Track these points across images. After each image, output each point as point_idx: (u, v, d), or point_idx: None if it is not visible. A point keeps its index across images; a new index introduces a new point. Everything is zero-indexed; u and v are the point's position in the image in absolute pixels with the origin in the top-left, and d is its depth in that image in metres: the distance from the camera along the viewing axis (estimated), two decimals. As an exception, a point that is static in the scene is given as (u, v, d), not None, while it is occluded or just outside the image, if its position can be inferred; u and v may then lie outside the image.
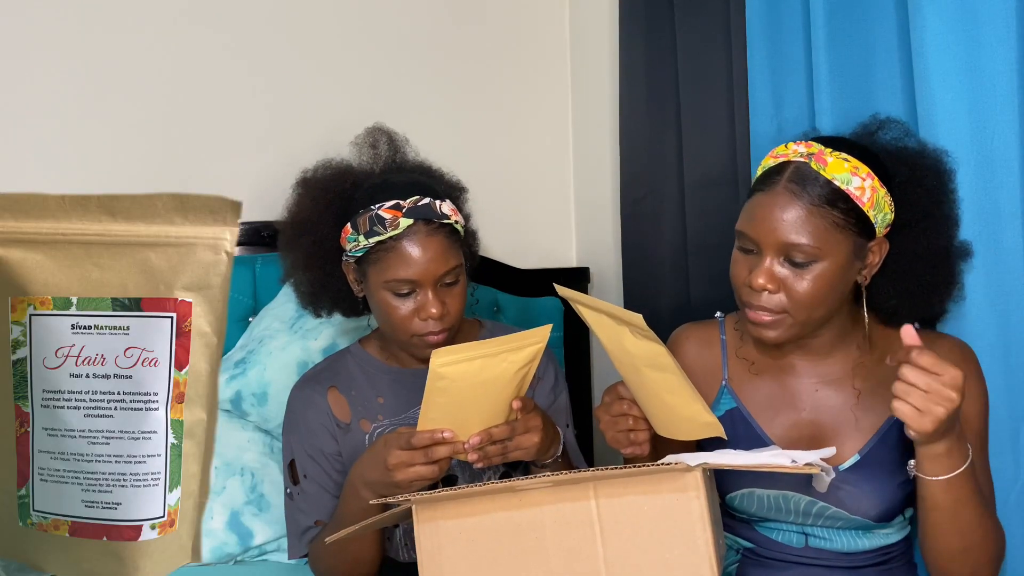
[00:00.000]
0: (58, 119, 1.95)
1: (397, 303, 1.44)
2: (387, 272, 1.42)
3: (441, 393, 1.26)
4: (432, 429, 1.28)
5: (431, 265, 1.42)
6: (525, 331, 1.29)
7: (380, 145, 1.60)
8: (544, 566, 1.14)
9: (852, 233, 1.26)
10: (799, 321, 1.28)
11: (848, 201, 1.24)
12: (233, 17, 2.07)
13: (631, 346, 1.25)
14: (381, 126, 1.63)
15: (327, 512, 1.52)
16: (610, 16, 2.21)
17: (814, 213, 1.24)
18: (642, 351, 1.24)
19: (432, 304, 1.42)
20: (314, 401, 1.56)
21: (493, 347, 1.26)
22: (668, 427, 1.31)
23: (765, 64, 1.70)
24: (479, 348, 1.26)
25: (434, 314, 1.42)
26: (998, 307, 1.38)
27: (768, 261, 1.27)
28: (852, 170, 1.25)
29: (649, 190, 2.05)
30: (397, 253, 1.42)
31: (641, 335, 1.22)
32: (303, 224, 1.53)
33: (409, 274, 1.41)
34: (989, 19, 1.35)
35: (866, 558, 1.37)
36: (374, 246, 1.43)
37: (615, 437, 1.32)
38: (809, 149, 1.28)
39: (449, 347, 1.25)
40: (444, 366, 1.23)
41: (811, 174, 1.25)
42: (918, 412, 1.13)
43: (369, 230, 1.43)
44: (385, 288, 1.44)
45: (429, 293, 1.43)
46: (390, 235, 1.42)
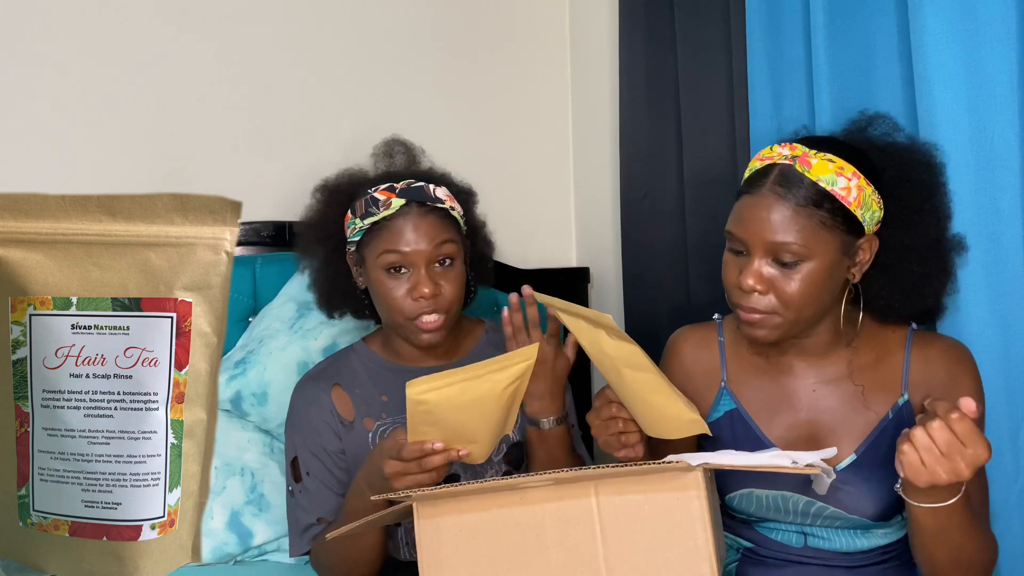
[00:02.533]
0: (58, 119, 1.94)
1: (391, 283, 1.47)
2: (379, 249, 1.47)
3: (425, 415, 1.25)
4: (421, 441, 1.28)
5: (422, 243, 1.46)
6: (510, 352, 1.31)
7: (396, 155, 1.65)
8: (544, 564, 1.15)
9: (839, 232, 1.26)
10: (789, 320, 1.29)
11: (834, 201, 1.25)
12: (248, 26, 2.08)
13: (609, 348, 1.27)
14: (398, 137, 1.68)
15: (330, 510, 1.53)
16: (610, 16, 2.21)
17: (800, 214, 1.25)
18: (620, 352, 1.26)
19: (424, 283, 1.44)
20: (318, 398, 1.56)
21: (473, 371, 1.27)
22: (654, 427, 1.32)
23: (765, 64, 1.70)
24: (456, 375, 1.25)
25: (426, 293, 1.44)
26: (998, 307, 1.38)
27: (757, 262, 1.28)
28: (837, 171, 1.26)
29: (649, 190, 2.05)
30: (389, 231, 1.46)
31: (616, 336, 1.24)
32: (318, 226, 1.59)
33: (400, 248, 1.45)
34: (989, 19, 1.35)
35: (865, 557, 1.37)
36: (369, 227, 1.48)
37: (607, 441, 1.33)
38: (793, 152, 1.29)
39: (423, 377, 1.25)
40: (422, 394, 1.23)
41: (796, 176, 1.26)
42: (922, 467, 1.10)
43: (365, 212, 1.48)
44: (379, 267, 1.47)
45: (422, 271, 1.46)
46: (383, 215, 1.47)
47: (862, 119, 1.40)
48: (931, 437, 1.09)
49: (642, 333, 1.90)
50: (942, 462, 1.09)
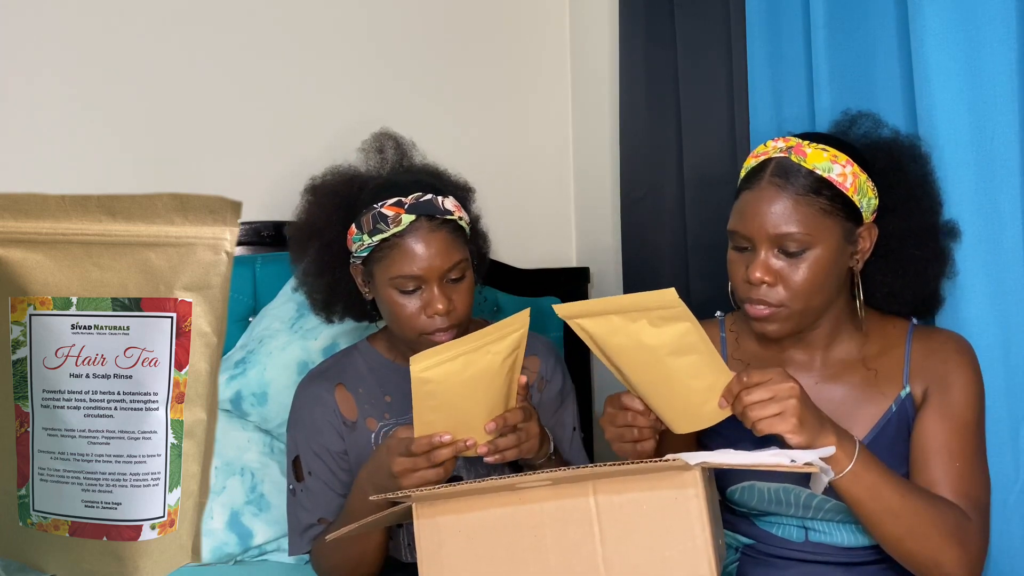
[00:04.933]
0: (57, 118, 1.94)
1: (403, 300, 1.44)
2: (392, 269, 1.43)
3: (430, 397, 1.25)
4: (430, 434, 1.28)
5: (435, 260, 1.42)
6: (504, 320, 1.28)
7: (387, 150, 1.60)
8: (543, 563, 1.15)
9: (840, 218, 1.29)
10: (797, 311, 1.30)
11: (832, 188, 1.28)
12: (237, 20, 2.08)
13: (651, 338, 1.19)
14: (387, 131, 1.63)
15: (332, 510, 1.52)
16: (610, 16, 2.21)
17: (800, 202, 1.27)
18: (666, 338, 1.18)
19: (438, 300, 1.42)
20: (321, 398, 1.55)
21: (472, 342, 1.26)
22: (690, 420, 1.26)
23: (765, 64, 1.70)
24: (457, 346, 1.25)
25: (440, 310, 1.42)
26: (998, 306, 1.38)
27: (763, 255, 1.29)
28: (832, 158, 1.29)
29: (649, 190, 2.05)
30: (401, 250, 1.42)
31: (663, 320, 1.17)
32: (311, 229, 1.53)
33: (414, 270, 1.42)
34: (989, 19, 1.35)
35: (865, 554, 1.36)
36: (378, 244, 1.43)
37: (621, 448, 1.31)
38: (787, 143, 1.32)
39: (425, 351, 1.24)
40: (425, 370, 1.23)
41: (793, 166, 1.29)
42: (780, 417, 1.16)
43: (373, 228, 1.43)
44: (391, 285, 1.44)
45: (435, 289, 1.43)
46: (393, 232, 1.42)
47: (844, 119, 1.43)
48: (754, 401, 1.18)
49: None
50: (776, 399, 1.17)
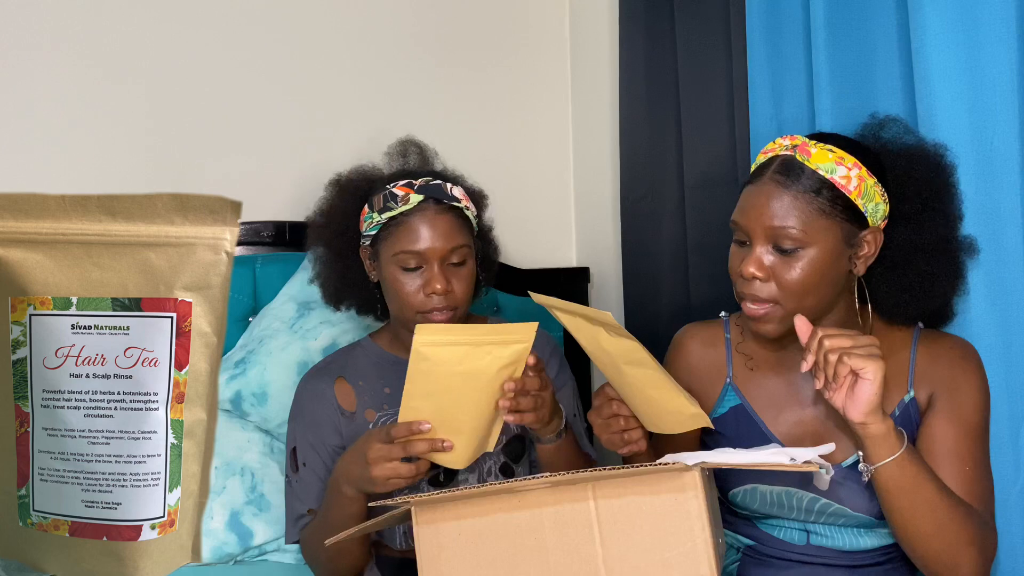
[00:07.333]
0: (63, 118, 1.95)
1: (404, 278, 1.49)
2: (396, 245, 1.48)
3: (423, 375, 1.28)
4: (411, 421, 1.31)
5: (438, 241, 1.47)
6: (512, 324, 1.31)
7: (410, 155, 1.67)
8: (543, 566, 1.15)
9: (840, 220, 1.28)
10: (790, 310, 1.29)
11: (833, 189, 1.27)
12: (238, 21, 2.08)
13: (608, 345, 1.28)
14: (412, 138, 1.70)
15: (321, 502, 1.55)
16: (610, 16, 2.21)
17: (799, 200, 1.27)
18: (619, 349, 1.27)
19: (437, 279, 1.47)
20: (321, 393, 1.58)
21: (478, 334, 1.29)
22: (656, 422, 1.33)
23: (765, 64, 1.70)
24: (464, 332, 1.29)
25: (439, 290, 1.46)
26: (998, 307, 1.38)
27: (758, 250, 1.29)
28: (837, 160, 1.28)
29: (649, 190, 2.05)
30: (406, 227, 1.48)
31: (615, 333, 1.25)
32: (328, 217, 1.61)
33: (417, 247, 1.47)
34: (989, 19, 1.35)
35: (867, 557, 1.37)
36: (386, 222, 1.50)
37: (610, 439, 1.35)
38: (794, 142, 1.32)
39: (434, 325, 1.28)
40: (427, 346, 1.26)
41: (796, 165, 1.29)
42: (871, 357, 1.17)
43: (383, 206, 1.50)
44: (394, 262, 1.49)
45: (435, 268, 1.48)
46: (401, 210, 1.48)
47: (873, 122, 1.41)
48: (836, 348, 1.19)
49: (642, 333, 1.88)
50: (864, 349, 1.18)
